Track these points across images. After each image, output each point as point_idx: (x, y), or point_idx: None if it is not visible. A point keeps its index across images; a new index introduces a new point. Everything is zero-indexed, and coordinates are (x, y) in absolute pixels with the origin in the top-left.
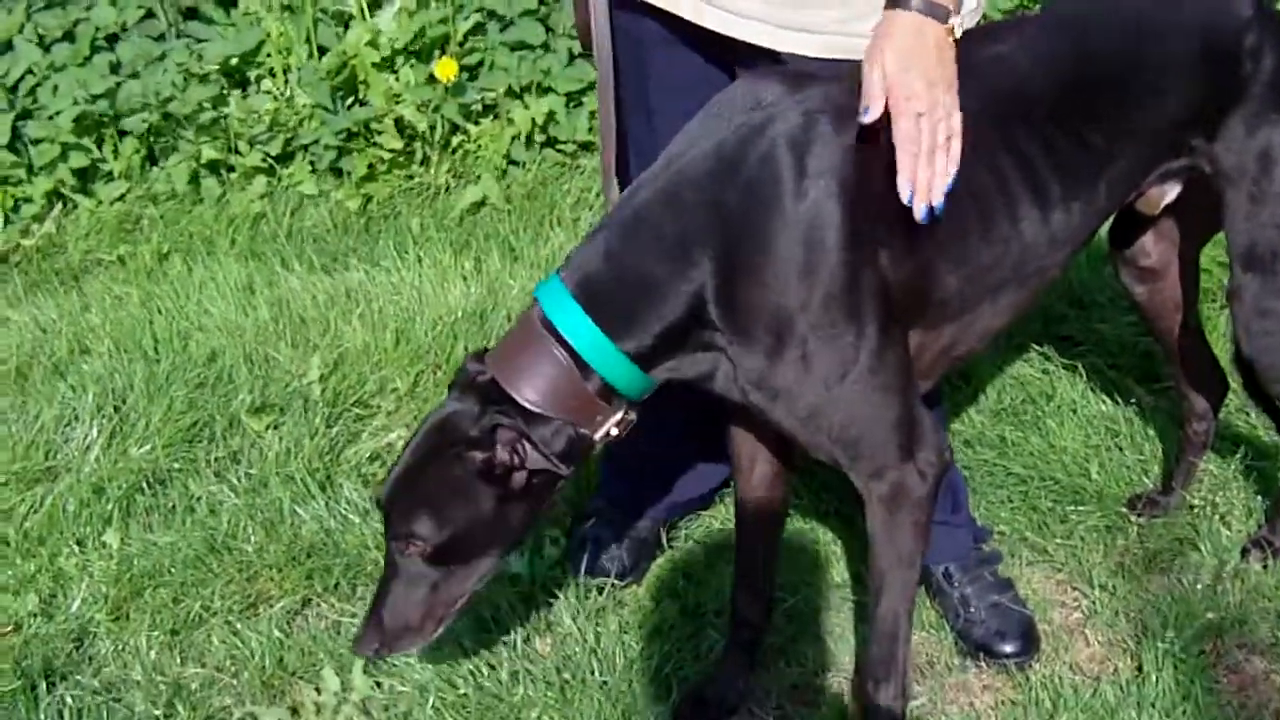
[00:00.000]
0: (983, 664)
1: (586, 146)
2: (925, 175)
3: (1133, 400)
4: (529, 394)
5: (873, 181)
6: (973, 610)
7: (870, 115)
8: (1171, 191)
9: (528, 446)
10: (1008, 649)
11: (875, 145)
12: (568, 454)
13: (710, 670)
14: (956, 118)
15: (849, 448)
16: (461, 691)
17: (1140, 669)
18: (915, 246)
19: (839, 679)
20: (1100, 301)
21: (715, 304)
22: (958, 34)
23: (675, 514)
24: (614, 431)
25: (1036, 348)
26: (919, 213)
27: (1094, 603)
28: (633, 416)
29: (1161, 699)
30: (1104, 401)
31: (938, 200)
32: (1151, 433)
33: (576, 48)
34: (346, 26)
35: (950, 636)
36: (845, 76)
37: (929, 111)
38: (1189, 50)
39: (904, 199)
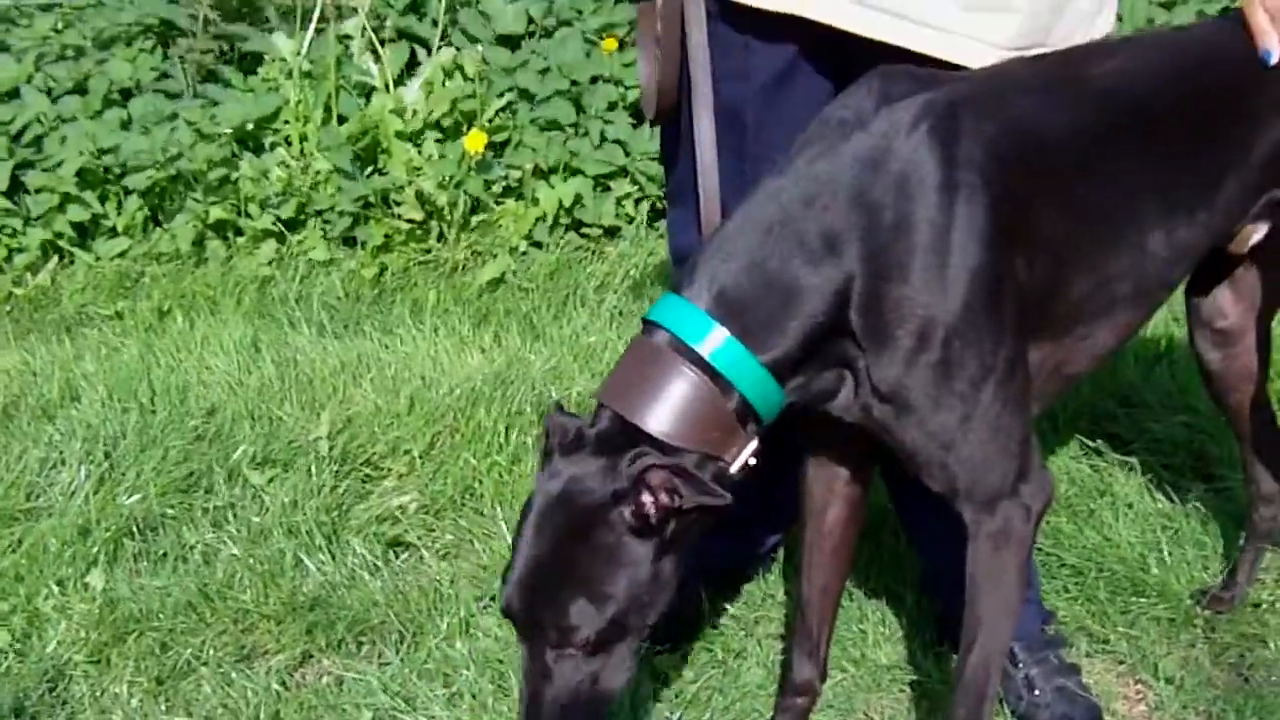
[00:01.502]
0: None
1: (612, 232)
2: None
3: (1190, 497)
4: (663, 424)
5: (1010, 179)
6: (1038, 693)
7: (1276, 55)
8: (1261, 229)
9: (681, 483)
10: None
11: (1012, 141)
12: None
13: None
14: None
15: (971, 469)
16: None
17: None
18: (1048, 251)
19: None
20: (1150, 402)
21: (857, 306)
22: None
23: (715, 578)
24: (751, 462)
25: (1088, 443)
26: None
27: (1160, 695)
28: (760, 446)
29: None
30: (1159, 499)
31: None
32: (1213, 529)
33: (611, 131)
34: (368, 99)
35: None
36: (969, 75)
37: None
38: None
39: None
